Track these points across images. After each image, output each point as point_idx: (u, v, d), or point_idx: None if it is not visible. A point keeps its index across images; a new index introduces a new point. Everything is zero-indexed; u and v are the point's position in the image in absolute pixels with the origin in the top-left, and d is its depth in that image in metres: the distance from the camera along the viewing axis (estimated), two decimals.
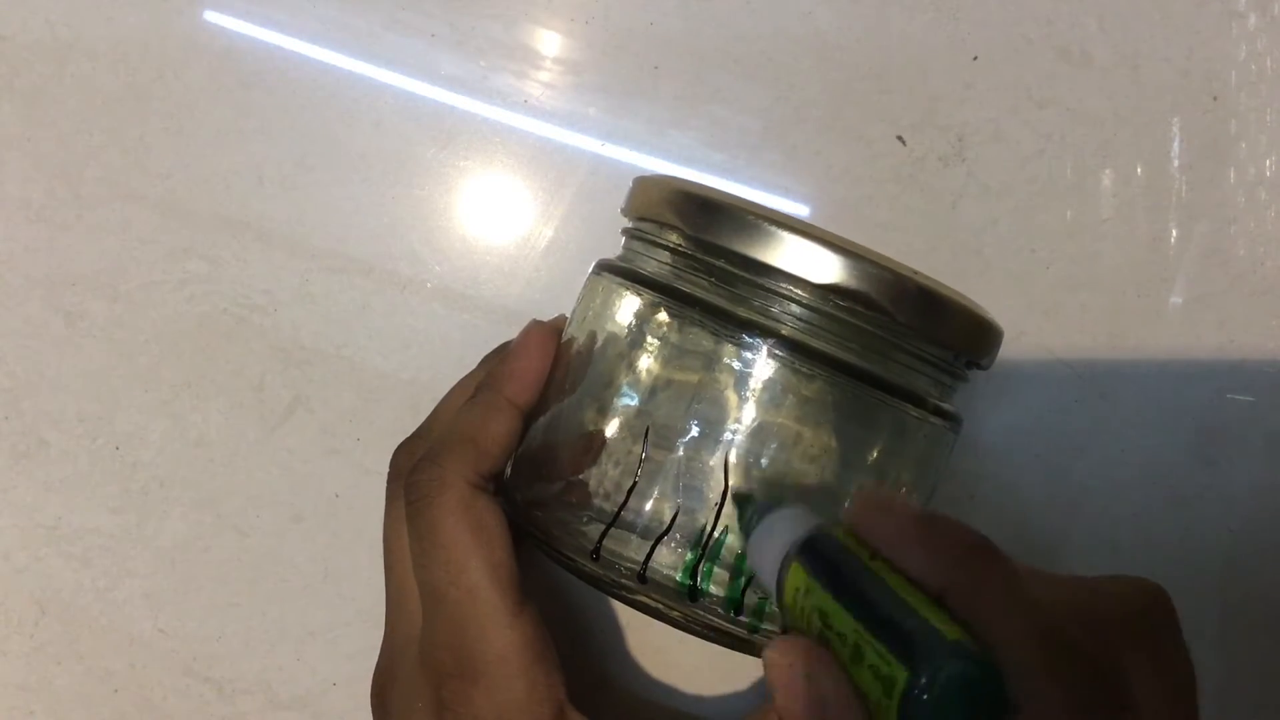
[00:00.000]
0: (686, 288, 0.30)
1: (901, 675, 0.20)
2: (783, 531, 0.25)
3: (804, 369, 0.29)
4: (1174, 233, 0.40)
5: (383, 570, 0.33)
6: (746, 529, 0.27)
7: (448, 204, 0.42)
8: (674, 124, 0.41)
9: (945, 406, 0.31)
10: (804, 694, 0.22)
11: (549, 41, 0.42)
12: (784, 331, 0.29)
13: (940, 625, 0.20)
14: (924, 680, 0.20)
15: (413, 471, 0.30)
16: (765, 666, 0.23)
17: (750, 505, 0.28)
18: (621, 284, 0.31)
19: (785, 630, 0.27)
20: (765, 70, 0.41)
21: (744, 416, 0.29)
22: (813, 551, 0.24)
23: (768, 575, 0.25)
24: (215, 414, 0.43)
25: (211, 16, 0.43)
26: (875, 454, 0.30)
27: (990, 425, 0.39)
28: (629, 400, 0.30)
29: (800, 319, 0.29)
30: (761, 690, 0.40)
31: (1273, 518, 0.39)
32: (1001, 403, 0.39)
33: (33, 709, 0.43)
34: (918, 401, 0.30)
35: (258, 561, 0.43)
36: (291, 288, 0.42)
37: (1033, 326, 0.39)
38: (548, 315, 0.35)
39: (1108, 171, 0.40)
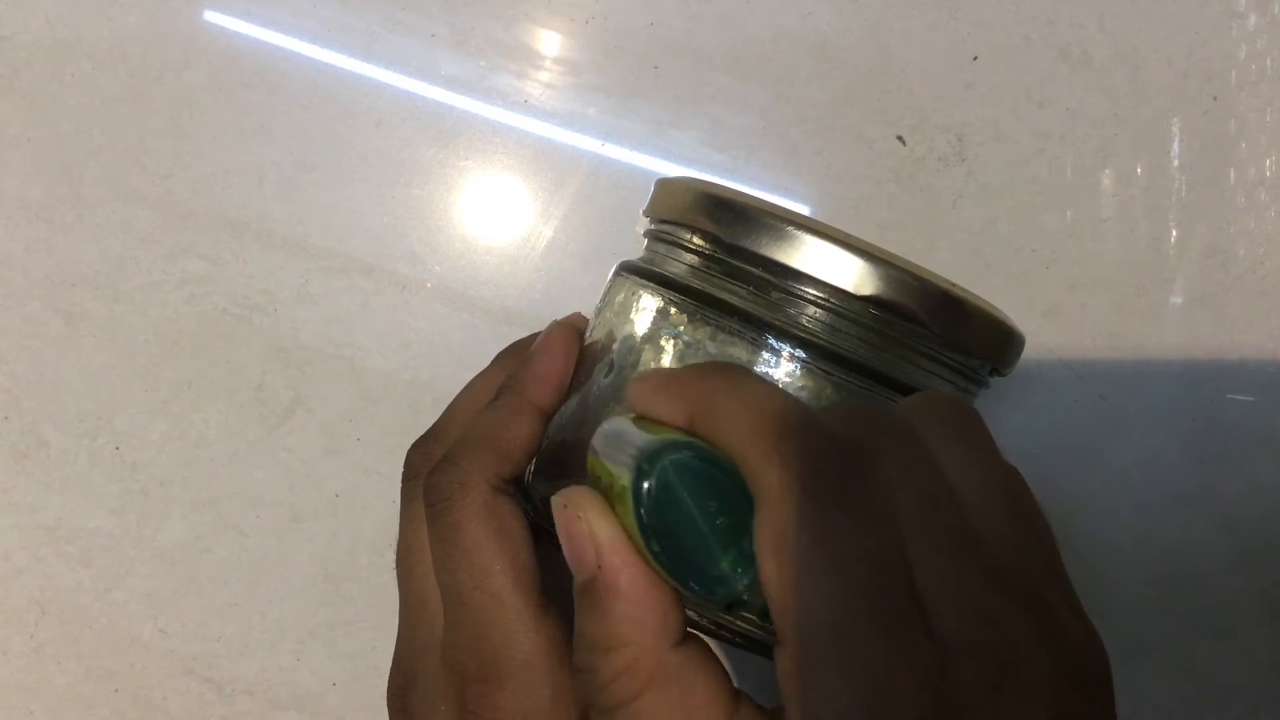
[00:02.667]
0: (716, 292, 0.30)
1: (625, 477, 0.22)
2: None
3: (836, 376, 0.29)
4: (1174, 233, 0.40)
5: (383, 569, 0.33)
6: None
7: (448, 204, 0.42)
8: (674, 124, 0.41)
9: None
10: (577, 532, 0.23)
11: (549, 41, 0.42)
12: (817, 340, 0.29)
13: (644, 436, 0.23)
14: (645, 479, 0.22)
15: (432, 473, 0.30)
16: (553, 515, 0.24)
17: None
18: (646, 286, 0.31)
19: None
20: (765, 70, 0.41)
21: None
22: (598, 439, 0.26)
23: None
24: (215, 414, 0.43)
25: (211, 16, 0.43)
26: None
27: (990, 426, 0.39)
28: None
29: (833, 326, 0.29)
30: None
31: (1272, 517, 0.39)
32: (1001, 403, 0.39)
33: (33, 709, 0.43)
34: None
35: (258, 561, 0.43)
36: (291, 288, 0.42)
37: (1033, 326, 0.39)
38: (548, 315, 0.35)
39: (1108, 171, 0.40)
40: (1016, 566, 0.21)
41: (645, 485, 0.22)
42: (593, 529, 0.23)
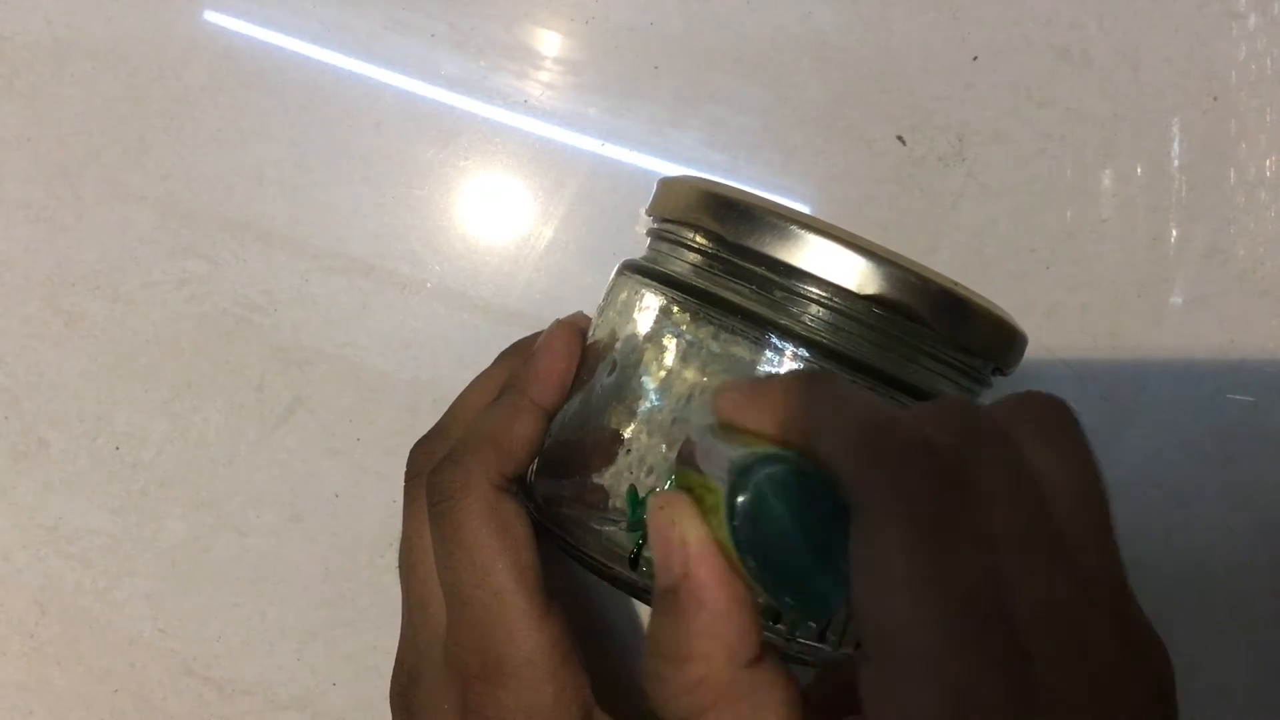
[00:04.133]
0: (719, 291, 0.30)
1: (721, 492, 0.22)
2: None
3: (831, 370, 0.29)
4: (1174, 233, 0.40)
5: (383, 569, 0.33)
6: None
7: (448, 204, 0.42)
8: (674, 124, 0.41)
9: None
10: (670, 536, 0.23)
11: (549, 41, 0.42)
12: (820, 339, 0.29)
13: (758, 448, 0.22)
14: (736, 489, 0.22)
15: (434, 472, 0.30)
16: (648, 516, 0.24)
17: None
18: (649, 285, 0.31)
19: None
20: (765, 70, 0.41)
21: None
22: (684, 452, 0.25)
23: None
24: (215, 414, 0.43)
25: (211, 16, 0.43)
26: None
27: None
28: (655, 403, 0.30)
29: (835, 325, 0.29)
30: None
31: (1273, 517, 0.39)
32: None
33: (33, 709, 0.43)
34: None
35: (258, 561, 0.43)
36: (291, 288, 0.42)
37: (1033, 326, 0.39)
38: (549, 315, 0.35)
39: (1108, 171, 0.40)
40: (1101, 575, 0.21)
41: (740, 500, 0.22)
42: (684, 536, 0.23)
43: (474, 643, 0.29)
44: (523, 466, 0.31)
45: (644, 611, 0.41)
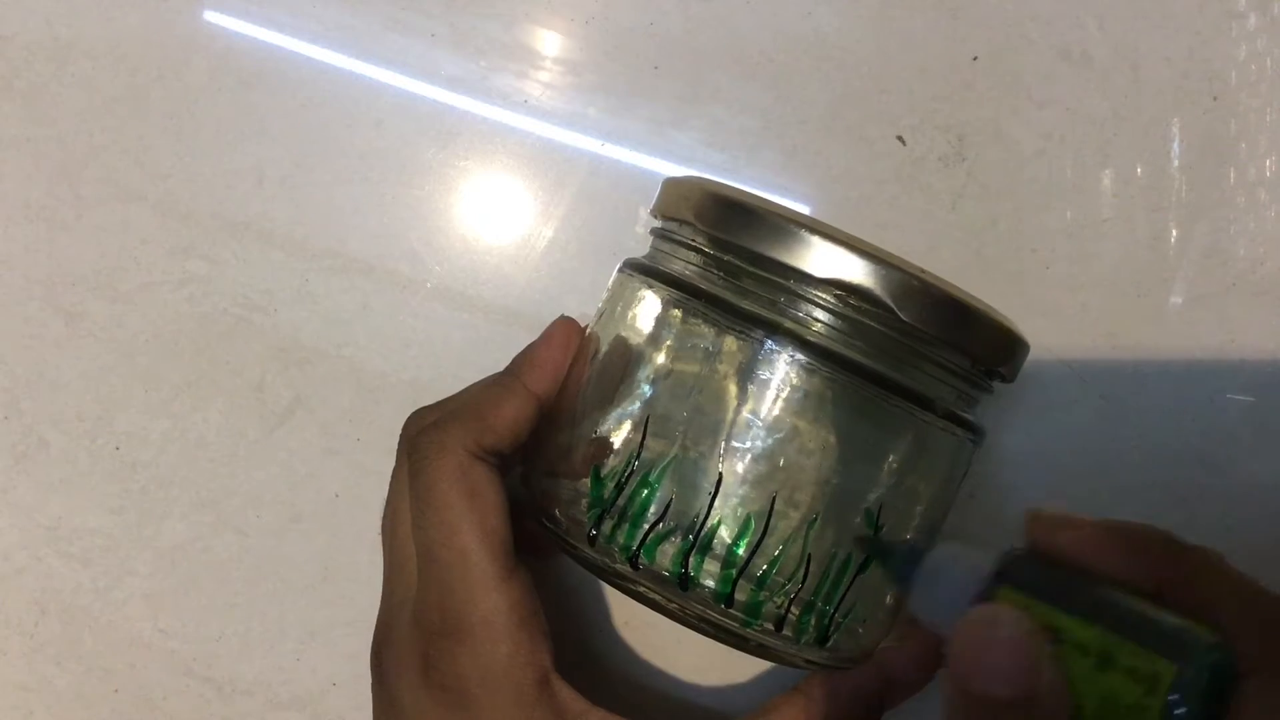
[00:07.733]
0: (719, 291, 0.30)
1: (1169, 670, 0.22)
2: (958, 567, 0.26)
3: (837, 378, 0.29)
4: (1174, 233, 0.40)
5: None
6: (899, 577, 0.28)
7: (448, 204, 0.42)
8: (674, 124, 0.41)
9: (967, 416, 0.31)
10: (1027, 646, 0.23)
11: (549, 41, 0.42)
12: (820, 341, 0.29)
13: (1184, 622, 0.23)
14: (1190, 673, 0.22)
15: (418, 434, 0.32)
16: (971, 632, 0.23)
17: (892, 552, 0.29)
18: (650, 284, 0.31)
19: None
20: (765, 70, 0.41)
21: (754, 413, 0.29)
22: (1017, 575, 0.25)
23: (951, 614, 0.26)
24: (215, 414, 0.43)
25: (211, 16, 0.43)
26: (894, 460, 0.30)
27: (990, 426, 0.40)
28: (650, 403, 0.30)
29: (835, 328, 0.29)
30: (760, 687, 0.40)
31: (1271, 517, 0.39)
32: (1001, 403, 0.39)
33: (33, 709, 0.43)
34: (940, 410, 0.30)
35: (258, 561, 0.43)
36: (291, 288, 0.42)
37: (1033, 326, 0.39)
38: (548, 315, 0.35)
39: (1108, 171, 0.40)
40: None
41: (1193, 687, 0.22)
42: (1039, 655, 0.23)
43: (437, 600, 0.30)
44: (503, 441, 0.32)
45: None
